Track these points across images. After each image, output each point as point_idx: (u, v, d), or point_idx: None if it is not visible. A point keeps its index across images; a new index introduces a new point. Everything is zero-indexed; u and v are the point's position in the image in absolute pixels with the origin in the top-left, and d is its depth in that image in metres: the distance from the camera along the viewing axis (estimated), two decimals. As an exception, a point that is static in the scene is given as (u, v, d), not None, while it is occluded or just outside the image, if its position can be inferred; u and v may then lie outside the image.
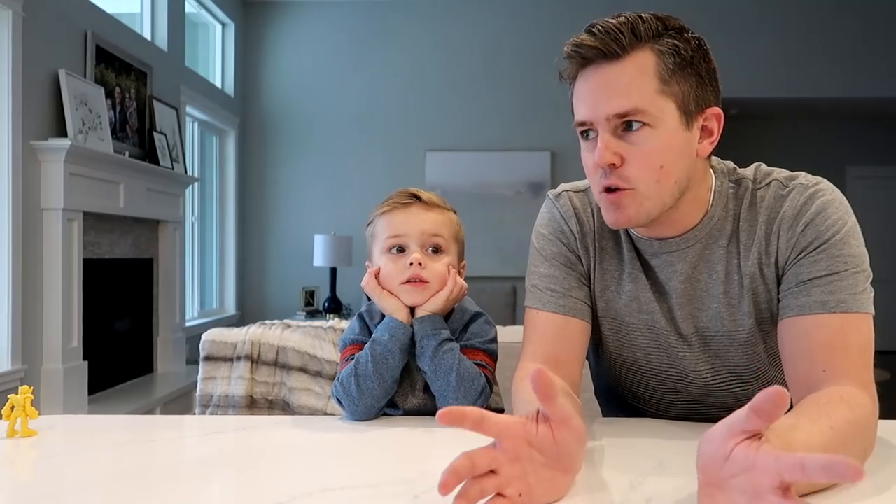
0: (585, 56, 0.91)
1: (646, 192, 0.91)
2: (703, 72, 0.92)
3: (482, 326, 1.12)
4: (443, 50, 5.84)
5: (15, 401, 0.97)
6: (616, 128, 0.90)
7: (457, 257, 1.14)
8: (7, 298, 3.08)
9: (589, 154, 0.95)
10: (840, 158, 7.12)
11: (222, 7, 5.50)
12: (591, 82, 0.92)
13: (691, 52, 0.91)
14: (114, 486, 0.79)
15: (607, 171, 0.92)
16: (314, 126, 5.90)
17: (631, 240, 1.06)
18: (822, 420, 0.75)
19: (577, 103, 0.94)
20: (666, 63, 0.89)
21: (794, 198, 0.96)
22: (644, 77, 0.89)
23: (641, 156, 0.90)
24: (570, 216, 1.08)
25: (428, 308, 1.09)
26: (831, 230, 0.92)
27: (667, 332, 1.04)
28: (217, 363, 1.99)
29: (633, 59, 0.89)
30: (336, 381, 1.08)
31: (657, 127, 0.90)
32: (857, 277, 0.91)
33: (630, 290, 1.05)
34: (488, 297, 5.20)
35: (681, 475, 0.79)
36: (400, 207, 1.12)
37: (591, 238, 1.08)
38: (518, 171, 5.74)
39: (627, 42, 0.89)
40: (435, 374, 1.05)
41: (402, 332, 1.06)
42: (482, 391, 1.04)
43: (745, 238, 0.98)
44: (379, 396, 1.05)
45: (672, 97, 0.90)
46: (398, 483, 0.78)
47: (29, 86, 3.18)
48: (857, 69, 5.72)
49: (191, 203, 5.18)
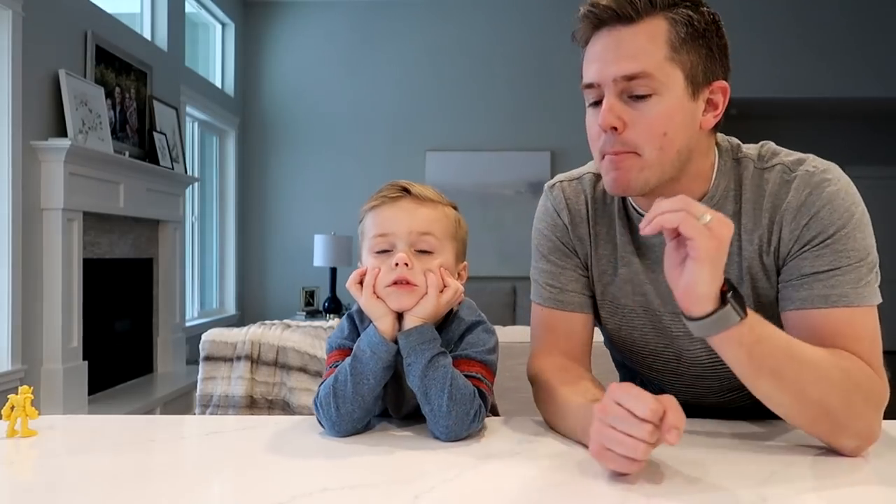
0: (600, 17, 0.92)
1: (648, 158, 0.92)
2: (713, 45, 0.93)
3: (480, 335, 1.01)
4: (443, 50, 5.84)
5: (15, 401, 0.97)
6: (622, 92, 0.91)
7: (454, 257, 1.02)
8: (7, 298, 3.08)
9: (593, 119, 0.95)
10: (840, 158, 7.04)
11: (222, 7, 5.50)
12: (603, 43, 0.92)
13: (704, 25, 0.92)
14: (114, 486, 0.79)
15: (611, 135, 0.92)
16: (314, 126, 5.90)
17: (625, 222, 1.06)
18: (817, 350, 0.85)
19: (587, 65, 0.95)
20: (678, 32, 0.90)
21: (799, 187, 0.95)
22: (655, 43, 0.90)
23: (645, 122, 0.90)
24: (561, 208, 1.10)
25: (418, 313, 0.96)
26: (836, 224, 0.92)
27: (660, 313, 1.05)
28: (217, 363, 1.99)
29: (646, 24, 0.90)
30: (315, 398, 0.98)
31: (663, 94, 0.90)
32: (860, 270, 0.91)
33: (624, 273, 1.06)
34: (488, 297, 5.20)
35: (681, 475, 0.79)
36: (388, 202, 1.00)
37: (584, 226, 1.09)
38: (518, 171, 5.74)
39: (643, 7, 0.90)
40: (425, 397, 0.93)
41: (385, 350, 0.95)
42: (476, 414, 0.93)
43: (747, 222, 0.98)
44: (360, 418, 0.96)
45: (680, 66, 0.91)
46: (398, 483, 0.78)
47: (29, 86, 3.18)
48: (857, 69, 5.72)
49: (191, 203, 5.18)
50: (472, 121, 5.82)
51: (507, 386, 1.78)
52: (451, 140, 5.84)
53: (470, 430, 0.94)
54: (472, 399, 0.93)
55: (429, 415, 0.94)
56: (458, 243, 1.04)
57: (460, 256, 1.05)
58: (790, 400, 0.85)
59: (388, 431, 1.01)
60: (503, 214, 5.72)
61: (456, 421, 0.92)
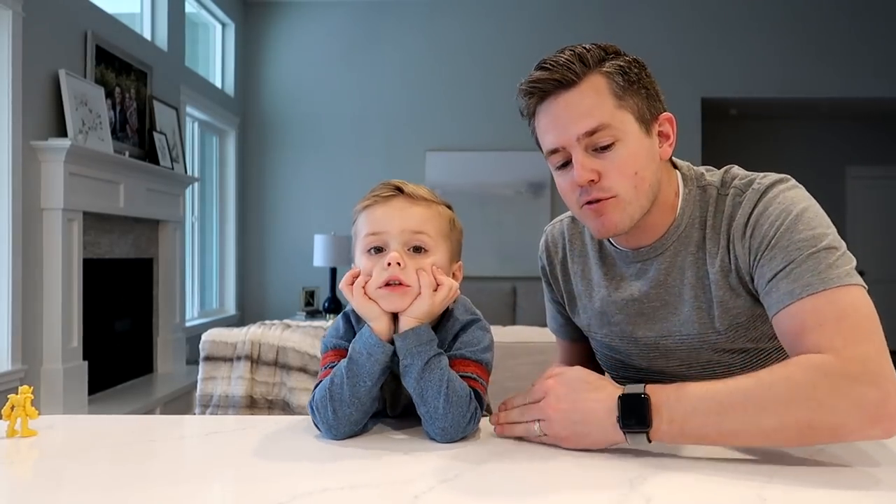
0: (544, 89, 0.99)
1: (626, 197, 0.98)
2: (647, 85, 1.00)
3: (475, 334, 1.00)
4: (443, 50, 5.84)
5: (15, 401, 0.97)
6: (587, 147, 0.97)
7: (448, 256, 1.01)
8: (7, 298, 3.08)
9: (564, 179, 1.02)
10: (840, 158, 7.11)
11: (222, 7, 5.50)
12: (554, 111, 0.99)
13: (636, 70, 0.99)
14: (114, 486, 0.79)
15: (588, 187, 0.98)
16: (314, 126, 5.90)
17: (598, 257, 1.13)
18: (740, 374, 0.87)
19: (545, 134, 1.02)
20: (616, 82, 0.97)
21: (745, 204, 0.99)
22: (601, 96, 0.97)
23: (616, 168, 0.97)
24: (543, 253, 1.23)
25: (413, 314, 0.95)
26: (774, 225, 0.94)
27: (636, 338, 1.10)
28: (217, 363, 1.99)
29: (586, 83, 0.97)
30: (311, 401, 0.97)
31: (623, 139, 0.97)
32: (818, 256, 0.90)
33: (598, 305, 1.13)
34: (488, 297, 5.21)
35: (681, 475, 0.79)
36: (381, 202, 1.00)
37: (561, 266, 1.20)
38: (518, 171, 5.74)
39: (580, 70, 0.97)
40: (421, 399, 0.93)
41: (382, 352, 0.94)
42: (472, 416, 0.94)
43: (710, 246, 1.02)
44: (358, 420, 0.95)
45: (629, 110, 0.98)
46: (398, 483, 0.78)
47: (29, 86, 3.18)
48: (856, 69, 5.72)
49: (191, 203, 5.18)
50: (472, 121, 5.82)
51: (507, 386, 1.78)
52: (451, 140, 5.84)
53: (465, 432, 0.94)
54: (468, 401, 0.93)
55: (425, 416, 0.94)
56: (453, 243, 1.03)
57: (455, 256, 1.04)
58: (762, 438, 0.82)
59: (388, 433, 1.01)
60: (503, 214, 5.73)
61: (452, 423, 0.92)
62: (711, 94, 5.76)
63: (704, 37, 5.75)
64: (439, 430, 0.92)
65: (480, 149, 5.79)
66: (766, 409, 0.81)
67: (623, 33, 5.47)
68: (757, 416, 0.81)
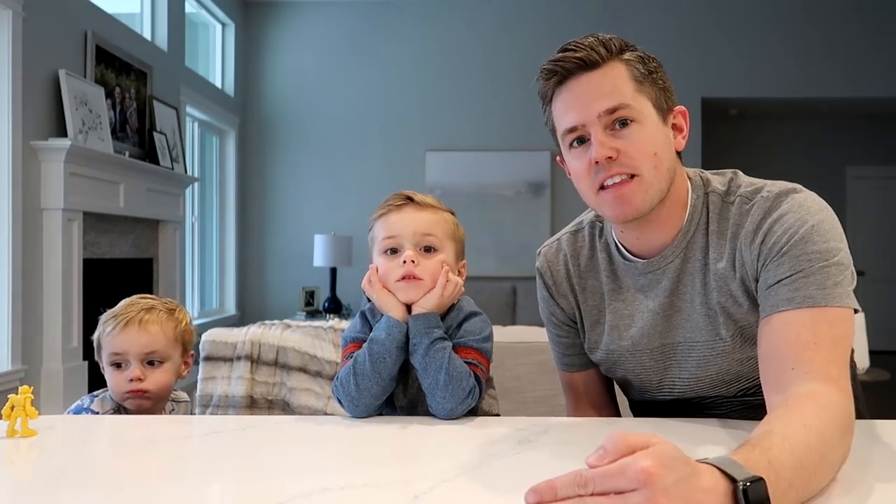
0: (567, 68, 1.00)
1: (647, 177, 0.98)
2: (663, 78, 1.04)
3: (476, 324, 1.13)
4: (443, 50, 5.84)
5: (15, 401, 0.97)
6: (607, 126, 0.98)
7: (454, 256, 1.16)
8: (7, 298, 3.08)
9: (580, 159, 1.01)
10: (840, 158, 7.11)
11: (222, 7, 5.50)
12: (577, 90, 1.00)
13: (654, 63, 1.03)
14: (114, 485, 0.79)
15: (605, 164, 0.97)
16: (314, 126, 5.91)
17: (609, 270, 1.12)
18: (794, 420, 0.76)
19: (565, 112, 1.02)
20: (636, 69, 1.00)
21: (755, 212, 0.99)
22: (622, 80, 0.99)
23: (635, 145, 0.97)
24: (544, 271, 1.19)
25: (424, 305, 1.10)
26: (789, 233, 0.94)
27: (649, 350, 1.09)
28: (217, 363, 1.99)
29: (608, 68, 0.99)
30: (335, 380, 1.10)
31: (642, 122, 0.98)
32: (827, 271, 0.90)
33: (611, 319, 1.12)
34: (488, 297, 5.20)
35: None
36: (394, 210, 1.15)
37: (566, 284, 1.17)
38: (518, 171, 5.74)
39: (604, 54, 0.99)
40: (425, 372, 1.06)
41: (398, 331, 1.08)
42: (470, 391, 1.05)
43: (713, 253, 1.02)
44: (377, 394, 1.07)
45: (647, 96, 1.00)
46: (398, 483, 0.78)
47: (29, 86, 3.18)
48: (858, 69, 5.72)
49: (191, 203, 5.18)
50: (471, 121, 5.82)
51: (507, 386, 1.78)
52: (451, 140, 5.84)
53: (464, 405, 1.05)
54: (467, 377, 1.05)
55: (427, 390, 1.06)
56: (457, 243, 1.17)
57: (459, 255, 1.18)
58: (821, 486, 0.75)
59: (388, 431, 1.01)
60: (503, 214, 5.73)
61: (452, 394, 1.04)
62: (711, 94, 5.76)
63: (704, 37, 5.75)
64: (440, 400, 1.04)
65: (480, 149, 5.79)
66: (827, 458, 0.75)
67: (624, 33, 5.34)
68: (828, 470, 0.75)
